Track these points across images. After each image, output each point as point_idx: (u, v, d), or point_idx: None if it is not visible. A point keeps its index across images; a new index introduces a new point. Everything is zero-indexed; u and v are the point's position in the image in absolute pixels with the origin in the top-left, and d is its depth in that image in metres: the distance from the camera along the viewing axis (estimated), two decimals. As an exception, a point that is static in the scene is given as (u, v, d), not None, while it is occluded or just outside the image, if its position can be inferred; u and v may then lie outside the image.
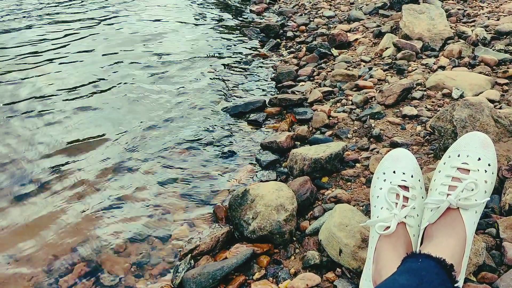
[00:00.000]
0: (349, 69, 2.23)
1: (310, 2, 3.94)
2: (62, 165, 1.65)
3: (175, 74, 2.54)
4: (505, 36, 2.20)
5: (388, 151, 1.16)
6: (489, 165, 0.88)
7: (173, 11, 4.08)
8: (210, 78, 2.48)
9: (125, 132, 1.90)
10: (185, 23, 3.67)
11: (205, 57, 2.83)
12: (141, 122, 1.98)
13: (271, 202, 1.19)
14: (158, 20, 3.72)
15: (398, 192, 0.91)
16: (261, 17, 3.90)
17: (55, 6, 4.07)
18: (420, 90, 1.82)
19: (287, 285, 1.01)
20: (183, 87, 2.36)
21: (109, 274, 1.17)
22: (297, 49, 2.88)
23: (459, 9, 2.81)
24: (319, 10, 3.66)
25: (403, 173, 0.95)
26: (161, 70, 2.59)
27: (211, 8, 4.22)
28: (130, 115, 2.05)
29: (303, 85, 2.21)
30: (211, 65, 2.68)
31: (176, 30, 3.45)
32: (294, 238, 1.17)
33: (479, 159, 0.88)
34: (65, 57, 2.77)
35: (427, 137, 1.47)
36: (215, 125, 1.96)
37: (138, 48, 2.96)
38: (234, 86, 2.38)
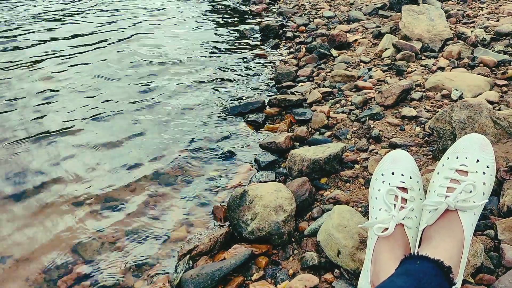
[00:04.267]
0: (348, 70, 2.23)
1: (310, 3, 3.94)
2: (60, 164, 1.66)
3: (174, 74, 2.54)
4: (504, 37, 2.20)
5: (387, 152, 1.16)
6: (487, 167, 0.88)
7: (172, 11, 4.08)
8: (209, 79, 2.48)
9: (123, 131, 1.89)
10: (184, 23, 3.67)
11: (204, 57, 2.83)
12: (139, 121, 1.98)
13: (269, 203, 1.19)
14: (156, 21, 3.72)
15: (396, 193, 0.91)
16: (261, 17, 3.90)
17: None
18: (419, 91, 1.82)
19: (286, 286, 1.01)
20: (182, 87, 2.36)
21: (108, 275, 1.17)
22: (296, 50, 2.88)
23: (458, 10, 2.81)
24: (318, 10, 3.66)
25: (402, 175, 0.95)
26: (160, 71, 2.59)
27: (211, 9, 4.22)
28: (127, 114, 2.05)
29: (302, 85, 2.21)
30: (210, 66, 2.68)
31: (175, 30, 3.45)
32: (293, 239, 1.17)
33: (478, 161, 0.88)
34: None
35: (426, 138, 1.47)
36: (214, 126, 1.96)
37: (135, 48, 2.97)
38: (233, 87, 2.38)
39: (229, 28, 3.53)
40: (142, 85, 2.37)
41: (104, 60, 2.74)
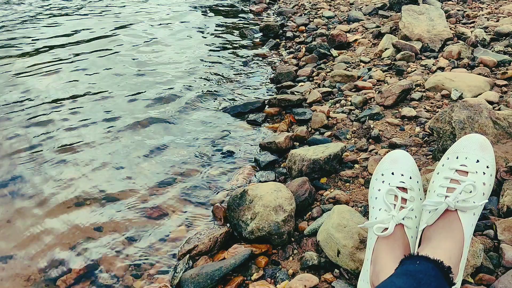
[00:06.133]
0: (348, 70, 2.23)
1: (310, 3, 3.94)
2: (59, 163, 1.66)
3: (174, 74, 2.54)
4: (504, 38, 2.20)
5: (387, 152, 1.16)
6: (487, 167, 0.88)
7: (171, 12, 4.07)
8: (209, 79, 2.48)
9: (123, 130, 1.89)
10: (184, 23, 3.67)
11: (204, 57, 2.83)
12: (139, 121, 1.98)
13: (269, 203, 1.19)
14: (157, 21, 3.72)
15: (396, 193, 0.91)
16: (261, 17, 3.90)
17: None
18: (419, 91, 1.82)
19: (285, 286, 1.01)
20: (182, 87, 2.36)
21: (108, 274, 1.17)
22: (296, 50, 2.88)
23: (458, 10, 2.81)
24: (318, 10, 3.66)
25: (402, 175, 0.95)
26: (160, 70, 2.59)
27: (211, 9, 4.21)
28: (127, 113, 2.04)
29: (302, 85, 2.21)
30: (209, 66, 2.68)
31: (175, 30, 3.45)
32: (293, 239, 1.18)
33: (478, 161, 0.88)
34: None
35: (426, 138, 1.47)
36: (214, 126, 1.96)
37: (135, 49, 2.96)
38: (233, 86, 2.38)
39: (229, 28, 3.53)
40: (141, 85, 2.37)
41: (108, 61, 2.74)
